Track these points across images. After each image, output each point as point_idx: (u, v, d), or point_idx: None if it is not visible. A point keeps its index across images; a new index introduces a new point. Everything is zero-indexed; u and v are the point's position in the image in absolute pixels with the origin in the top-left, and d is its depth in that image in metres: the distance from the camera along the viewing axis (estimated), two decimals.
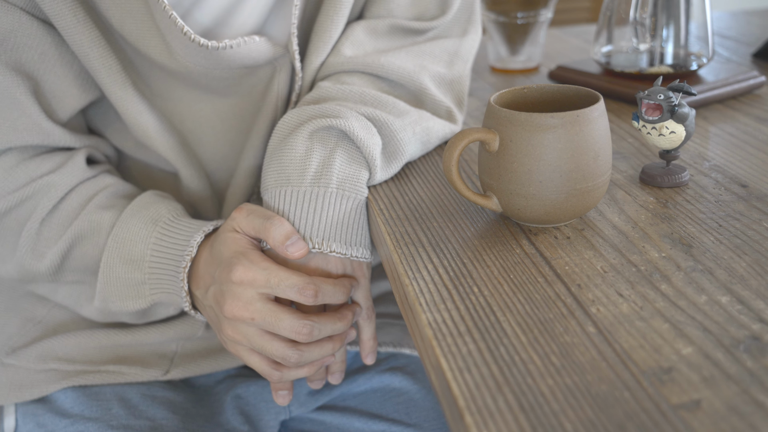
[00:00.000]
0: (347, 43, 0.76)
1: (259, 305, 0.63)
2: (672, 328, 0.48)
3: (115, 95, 0.72)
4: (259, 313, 0.63)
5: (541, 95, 0.64)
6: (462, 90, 0.80)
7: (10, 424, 0.77)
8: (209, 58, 0.69)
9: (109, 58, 0.71)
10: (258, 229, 0.65)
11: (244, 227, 0.66)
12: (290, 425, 0.82)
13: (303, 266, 0.67)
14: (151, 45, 0.69)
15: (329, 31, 0.75)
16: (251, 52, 0.71)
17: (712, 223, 0.60)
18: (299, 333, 0.63)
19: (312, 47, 0.76)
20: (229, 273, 0.63)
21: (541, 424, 0.40)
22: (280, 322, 0.63)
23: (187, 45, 0.67)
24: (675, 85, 0.66)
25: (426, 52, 0.78)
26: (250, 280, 0.63)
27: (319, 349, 0.66)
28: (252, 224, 0.65)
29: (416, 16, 0.79)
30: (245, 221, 0.66)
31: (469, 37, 0.83)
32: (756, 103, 0.88)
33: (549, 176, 0.58)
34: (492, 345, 0.47)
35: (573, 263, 0.56)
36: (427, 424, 0.79)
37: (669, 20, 0.92)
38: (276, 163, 0.67)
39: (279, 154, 0.67)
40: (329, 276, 0.67)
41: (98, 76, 0.71)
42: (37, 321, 0.80)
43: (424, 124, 0.73)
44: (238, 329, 0.65)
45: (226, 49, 0.69)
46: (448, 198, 0.68)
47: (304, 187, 0.65)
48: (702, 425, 0.40)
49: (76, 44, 0.69)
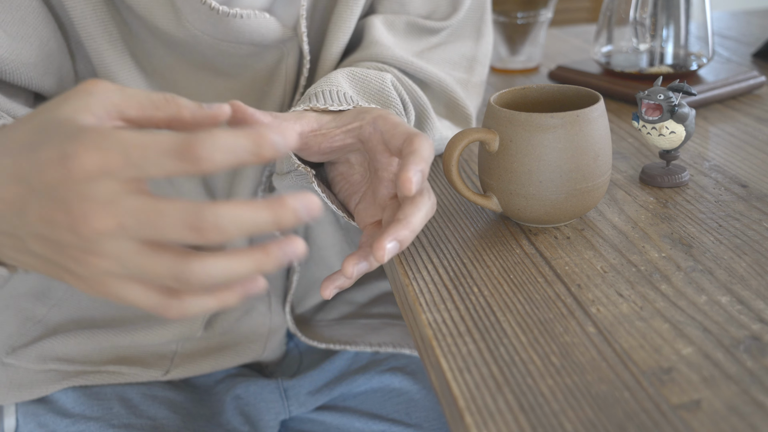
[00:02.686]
0: (378, 34, 0.76)
1: (125, 202, 0.39)
2: (672, 328, 0.48)
3: (114, 64, 0.70)
4: (129, 213, 0.39)
5: (541, 95, 0.64)
6: (480, 95, 0.81)
7: (10, 424, 0.77)
8: (218, 25, 0.68)
9: (110, 25, 0.68)
10: (151, 105, 0.44)
11: (114, 104, 0.43)
12: (290, 425, 0.82)
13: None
14: (160, 13, 0.67)
15: (348, 20, 0.74)
16: (260, 27, 0.70)
17: (712, 223, 0.60)
18: (196, 228, 0.38)
19: (331, 36, 0.75)
20: (64, 165, 0.39)
21: (541, 424, 0.40)
22: (163, 218, 0.38)
23: (198, 8, 0.66)
24: (675, 85, 0.66)
25: (445, 60, 0.78)
26: (100, 165, 0.39)
27: (234, 260, 0.40)
28: (136, 99, 0.43)
29: (429, 13, 0.79)
30: (118, 96, 0.43)
31: (484, 39, 0.83)
32: (756, 103, 0.88)
33: (549, 176, 0.58)
34: (492, 345, 0.47)
35: (573, 263, 0.56)
36: (428, 424, 0.79)
37: (669, 20, 0.92)
38: (349, 71, 0.66)
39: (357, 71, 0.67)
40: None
41: (95, 43, 0.68)
42: (36, 320, 0.80)
43: (441, 133, 0.73)
44: (104, 250, 0.40)
45: (236, 18, 0.68)
46: (448, 198, 0.68)
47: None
48: (702, 425, 0.40)
49: (77, 9, 0.67)
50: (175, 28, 0.68)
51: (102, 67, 0.70)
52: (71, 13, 0.67)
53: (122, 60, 0.70)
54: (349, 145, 0.59)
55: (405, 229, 0.51)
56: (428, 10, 0.79)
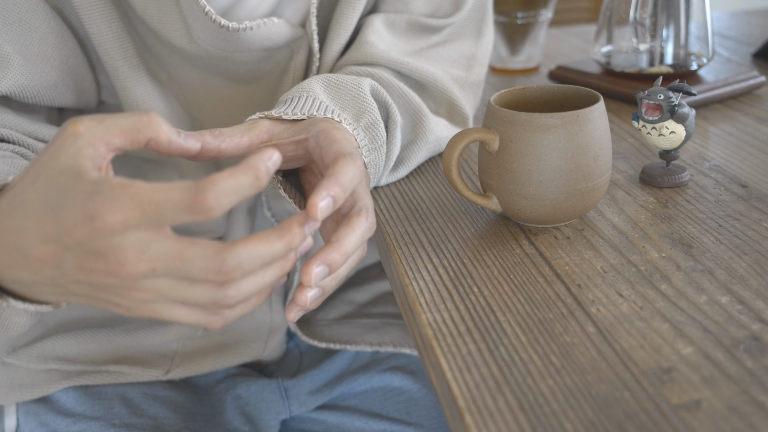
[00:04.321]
0: (369, 31, 0.75)
1: (153, 248, 0.44)
2: (672, 328, 0.48)
3: (129, 80, 0.71)
4: (159, 259, 0.44)
5: (541, 95, 0.64)
6: (478, 94, 0.81)
7: (11, 424, 0.77)
8: (229, 40, 0.68)
9: (125, 41, 0.69)
10: (132, 128, 0.46)
11: (99, 139, 0.46)
12: (290, 424, 0.83)
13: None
14: (173, 29, 0.68)
15: (350, 18, 0.74)
16: (270, 33, 0.70)
17: (712, 223, 0.60)
18: (221, 272, 0.44)
19: (332, 34, 0.75)
20: (91, 225, 0.43)
21: (541, 424, 0.41)
22: (188, 265, 0.44)
23: (208, 26, 0.67)
24: (675, 85, 0.66)
25: (444, 57, 0.78)
26: (121, 222, 0.43)
27: (261, 275, 0.46)
28: (117, 127, 0.46)
29: (432, 12, 0.79)
30: (100, 130, 0.46)
31: (484, 39, 0.83)
32: (756, 103, 0.88)
33: (549, 176, 0.58)
34: (492, 345, 0.47)
35: (573, 263, 0.56)
36: (428, 423, 0.79)
37: (669, 20, 0.92)
38: (324, 78, 0.66)
39: (335, 78, 0.66)
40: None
41: (112, 59, 0.70)
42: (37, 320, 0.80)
43: (438, 133, 0.73)
44: (145, 287, 0.45)
45: (246, 31, 0.68)
46: (448, 198, 0.68)
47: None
48: (702, 425, 0.40)
49: (95, 26, 0.68)
50: (188, 43, 0.69)
51: (118, 81, 0.71)
52: (89, 30, 0.69)
53: (137, 75, 0.71)
54: (301, 156, 0.58)
55: (335, 252, 0.49)
56: (431, 9, 0.79)
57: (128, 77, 0.71)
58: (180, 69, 0.73)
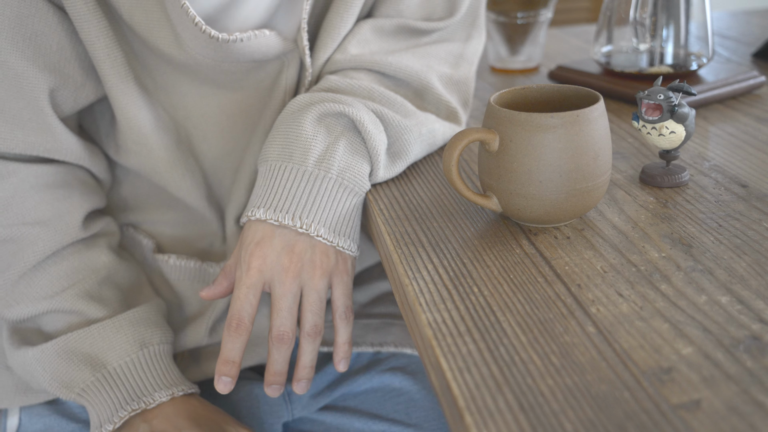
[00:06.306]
0: (354, 41, 0.76)
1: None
2: (672, 328, 0.48)
3: (115, 88, 0.72)
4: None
5: (541, 95, 0.64)
6: (467, 91, 0.81)
7: (13, 423, 0.77)
8: (219, 50, 0.69)
9: (114, 50, 0.70)
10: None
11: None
12: (290, 425, 0.82)
13: (288, 250, 0.66)
14: (160, 36, 0.69)
15: (338, 28, 0.75)
16: (261, 46, 0.71)
17: (712, 223, 0.60)
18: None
19: (320, 43, 0.75)
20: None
21: (541, 424, 0.41)
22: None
23: (197, 36, 0.67)
24: (675, 85, 0.66)
25: (431, 54, 0.78)
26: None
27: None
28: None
29: (425, 17, 0.80)
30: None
31: (473, 41, 0.83)
32: (756, 103, 0.88)
33: (549, 176, 0.58)
34: (492, 345, 0.47)
35: (573, 263, 0.56)
36: (428, 424, 0.79)
37: (669, 20, 0.92)
38: (281, 138, 0.67)
39: (285, 129, 0.68)
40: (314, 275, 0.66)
41: (101, 67, 0.71)
42: None
43: (429, 126, 0.73)
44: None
45: (236, 42, 0.69)
46: (448, 198, 0.68)
47: (305, 167, 0.65)
48: (702, 425, 0.40)
49: (84, 32, 0.69)
50: (176, 51, 0.69)
51: (106, 87, 0.73)
52: (81, 36, 0.70)
53: (125, 85, 0.72)
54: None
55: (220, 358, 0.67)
56: (423, 15, 0.79)
57: (114, 85, 0.72)
58: (168, 76, 0.74)
